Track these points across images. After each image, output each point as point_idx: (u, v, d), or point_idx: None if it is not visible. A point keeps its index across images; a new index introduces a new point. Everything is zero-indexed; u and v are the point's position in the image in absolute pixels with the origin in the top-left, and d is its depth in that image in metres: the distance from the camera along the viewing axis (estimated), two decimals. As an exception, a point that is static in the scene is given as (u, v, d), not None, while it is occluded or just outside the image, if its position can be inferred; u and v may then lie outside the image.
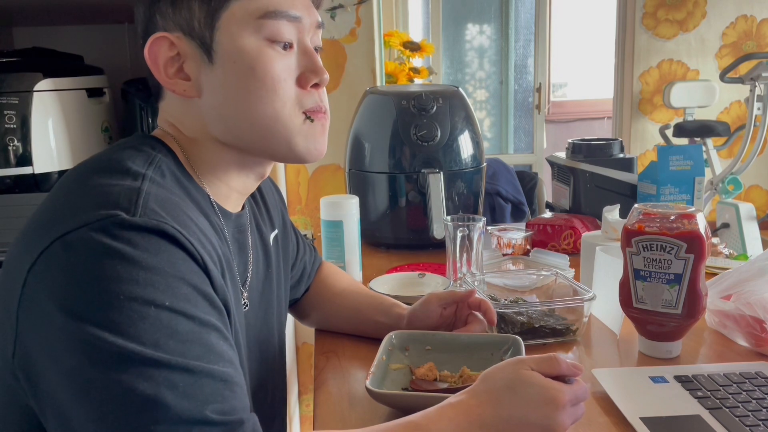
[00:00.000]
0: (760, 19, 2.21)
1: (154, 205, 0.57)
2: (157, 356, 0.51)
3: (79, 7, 1.40)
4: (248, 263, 0.78)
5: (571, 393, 0.62)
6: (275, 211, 0.91)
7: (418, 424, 0.60)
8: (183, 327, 0.54)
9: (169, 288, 0.54)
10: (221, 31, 0.66)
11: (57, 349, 0.52)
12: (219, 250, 0.66)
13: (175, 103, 0.71)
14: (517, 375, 0.63)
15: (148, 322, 0.52)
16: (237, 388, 0.56)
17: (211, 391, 0.53)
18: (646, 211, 0.86)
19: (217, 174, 0.72)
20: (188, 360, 0.53)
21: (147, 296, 0.52)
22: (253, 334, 0.78)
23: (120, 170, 0.61)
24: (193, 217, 0.62)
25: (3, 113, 1.18)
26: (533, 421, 0.61)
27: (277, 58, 0.68)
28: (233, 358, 0.58)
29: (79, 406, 0.51)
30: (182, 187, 0.66)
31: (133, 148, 0.66)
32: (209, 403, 0.52)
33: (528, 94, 3.90)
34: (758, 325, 0.85)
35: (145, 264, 0.53)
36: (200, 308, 0.56)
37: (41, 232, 0.55)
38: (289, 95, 0.69)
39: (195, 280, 0.57)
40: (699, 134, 2.16)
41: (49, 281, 0.53)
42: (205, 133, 0.70)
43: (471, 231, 1.09)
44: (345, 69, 1.76)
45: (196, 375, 0.53)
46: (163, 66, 0.67)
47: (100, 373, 0.50)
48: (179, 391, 0.51)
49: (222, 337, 0.58)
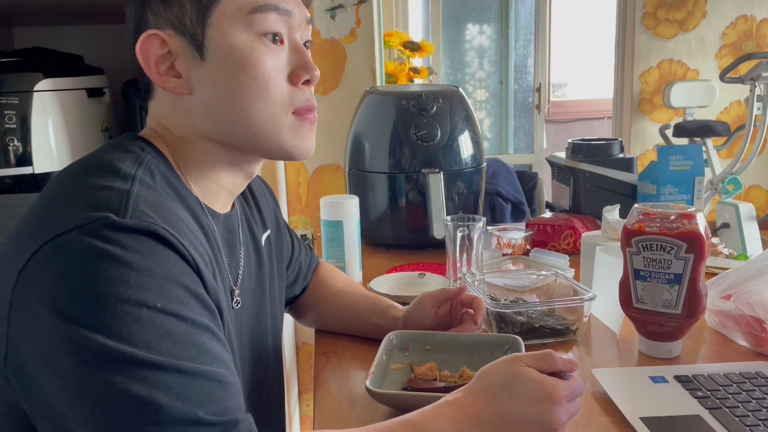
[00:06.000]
0: (760, 19, 2.21)
1: (144, 206, 0.58)
2: (150, 358, 0.51)
3: (79, 7, 1.40)
4: (239, 262, 0.78)
5: (567, 389, 0.62)
6: (267, 211, 0.91)
7: (416, 422, 0.60)
8: (176, 328, 0.54)
9: (161, 289, 0.54)
10: (212, 28, 0.66)
11: (49, 351, 0.52)
12: (209, 251, 0.66)
13: (165, 100, 0.71)
14: (513, 372, 0.63)
15: (141, 323, 0.52)
16: (231, 388, 0.56)
17: (205, 391, 0.53)
18: (646, 211, 0.86)
19: (205, 173, 0.72)
20: (181, 361, 0.53)
21: (139, 298, 0.52)
22: (245, 334, 0.78)
23: (110, 172, 0.61)
24: (183, 218, 0.62)
25: (3, 113, 1.18)
26: (530, 417, 0.61)
27: (268, 53, 0.68)
28: (227, 358, 0.58)
29: (72, 409, 0.51)
30: (172, 187, 0.66)
31: (122, 149, 0.66)
32: (203, 404, 0.53)
33: (528, 94, 3.90)
34: (758, 325, 0.85)
35: (137, 266, 0.53)
36: (192, 309, 0.56)
37: (32, 234, 0.56)
38: (281, 92, 0.69)
39: (187, 281, 0.57)
40: (699, 134, 2.15)
41: (41, 284, 0.53)
42: (194, 131, 0.70)
43: (471, 231, 1.09)
44: (345, 69, 1.76)
45: (190, 376, 0.53)
46: (154, 63, 0.67)
47: (93, 376, 0.50)
48: (173, 392, 0.51)
49: (215, 338, 0.58)
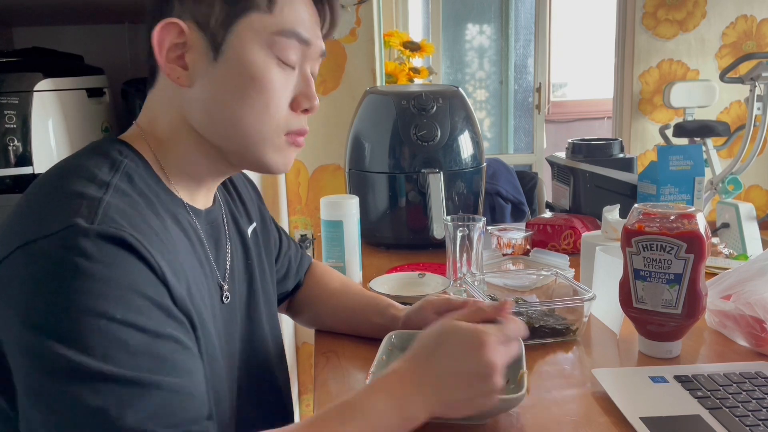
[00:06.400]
0: (760, 19, 2.21)
1: (115, 214, 0.58)
2: (106, 369, 0.52)
3: (79, 7, 1.40)
4: (226, 256, 0.79)
5: (497, 331, 0.63)
6: (251, 204, 0.92)
7: (353, 404, 0.61)
8: (134, 339, 0.55)
9: (121, 300, 0.55)
10: (235, 35, 0.67)
11: (15, 354, 0.55)
12: (191, 252, 0.67)
13: (165, 91, 0.71)
14: (442, 328, 0.64)
15: (99, 334, 0.53)
16: (190, 399, 0.57)
17: (160, 403, 0.54)
18: (646, 211, 0.86)
19: (187, 170, 0.72)
20: (137, 373, 0.54)
21: (99, 308, 0.53)
22: (237, 327, 0.79)
23: (85, 178, 0.62)
24: (157, 224, 0.63)
25: (3, 113, 1.18)
26: (466, 368, 0.62)
27: (278, 75, 0.69)
28: (192, 368, 0.59)
29: (35, 412, 0.54)
30: (150, 191, 0.67)
31: (101, 153, 0.66)
32: (156, 417, 0.54)
33: (528, 94, 3.90)
34: (758, 325, 0.85)
35: (99, 276, 0.54)
36: (154, 320, 0.57)
37: (6, 238, 0.57)
38: (279, 114, 0.70)
39: (150, 291, 0.57)
40: (699, 134, 2.16)
41: (9, 289, 0.55)
42: (184, 124, 0.71)
43: (471, 231, 1.09)
44: (345, 69, 1.76)
45: (145, 388, 0.54)
46: (166, 49, 0.67)
47: (52, 384, 0.52)
48: (125, 404, 0.52)
49: (179, 348, 0.58)
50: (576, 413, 0.72)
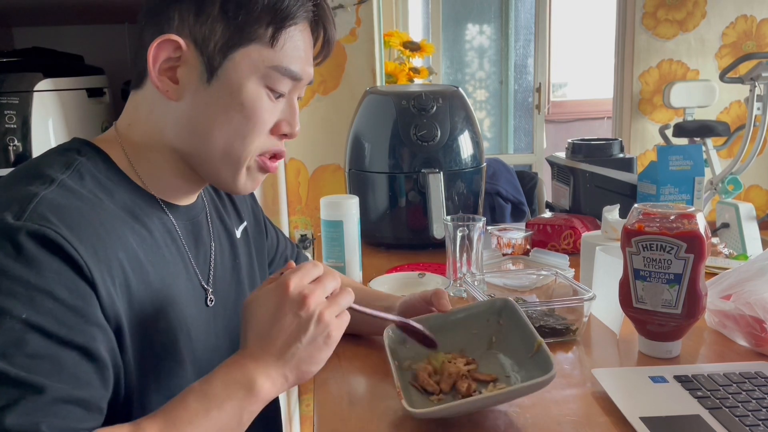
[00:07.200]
0: (760, 19, 2.21)
1: (47, 210, 0.58)
2: (1, 368, 0.52)
3: (79, 7, 1.40)
4: (209, 256, 0.78)
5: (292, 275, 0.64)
6: (242, 204, 0.92)
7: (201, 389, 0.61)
8: (35, 342, 0.54)
9: (30, 301, 0.54)
10: (232, 62, 0.68)
11: None
12: (152, 253, 0.67)
13: (149, 96, 0.71)
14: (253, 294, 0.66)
15: (1, 332, 0.53)
16: (85, 411, 0.56)
17: (53, 410, 0.53)
18: (646, 211, 0.86)
19: (157, 174, 0.72)
20: (33, 376, 0.53)
21: (6, 306, 0.54)
22: (221, 328, 0.78)
23: (34, 175, 0.62)
24: (106, 221, 0.63)
25: (3, 113, 1.18)
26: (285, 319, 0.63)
27: (267, 104, 0.71)
28: (94, 382, 0.58)
29: None
30: (106, 189, 0.66)
31: (59, 153, 0.67)
32: (48, 420, 0.53)
33: (528, 94, 3.90)
34: (758, 325, 0.85)
35: (12, 273, 0.54)
36: (65, 325, 0.56)
37: None
38: (260, 139, 0.72)
39: (65, 294, 0.56)
40: (699, 134, 2.15)
41: None
42: (160, 138, 0.71)
43: (471, 231, 1.09)
44: (345, 69, 1.76)
45: (37, 392, 0.53)
46: (160, 62, 0.67)
47: None
48: (18, 405, 0.52)
49: (88, 357, 0.57)
50: (576, 413, 0.72)
